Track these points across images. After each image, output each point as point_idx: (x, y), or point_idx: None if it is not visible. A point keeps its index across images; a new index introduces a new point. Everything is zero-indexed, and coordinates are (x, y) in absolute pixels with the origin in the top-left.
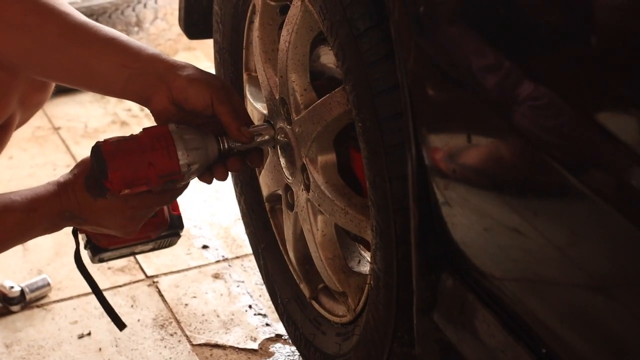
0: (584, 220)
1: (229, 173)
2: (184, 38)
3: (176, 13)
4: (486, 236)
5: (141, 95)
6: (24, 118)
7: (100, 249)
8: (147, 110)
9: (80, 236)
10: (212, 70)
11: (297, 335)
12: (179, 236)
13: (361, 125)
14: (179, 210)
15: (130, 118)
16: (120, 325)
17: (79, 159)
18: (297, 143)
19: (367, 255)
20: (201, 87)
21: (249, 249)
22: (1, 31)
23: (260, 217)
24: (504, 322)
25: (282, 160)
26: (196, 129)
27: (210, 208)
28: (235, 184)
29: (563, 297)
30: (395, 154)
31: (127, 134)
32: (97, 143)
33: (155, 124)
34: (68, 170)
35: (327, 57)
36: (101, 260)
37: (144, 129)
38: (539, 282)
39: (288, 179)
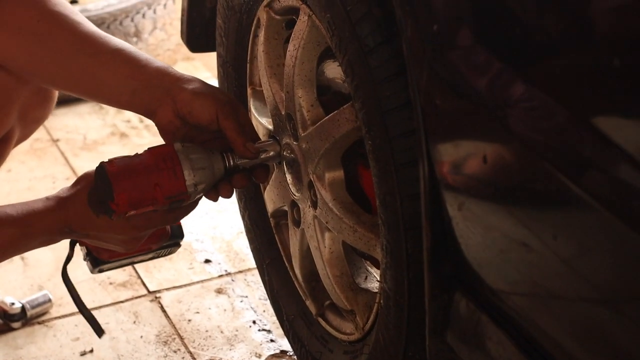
0: (606, 243)
1: (234, 190)
2: (183, 48)
3: (175, 23)
4: (502, 257)
5: (147, 108)
6: (24, 134)
7: (100, 261)
8: (146, 122)
9: (79, 247)
10: (214, 83)
11: (303, 353)
12: (179, 245)
13: (371, 143)
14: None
15: (130, 129)
16: (100, 332)
17: (78, 172)
18: (304, 159)
19: (374, 272)
20: (206, 101)
21: (251, 263)
22: (13, 36)
23: (264, 233)
24: (519, 344)
25: (288, 177)
26: (201, 147)
27: (212, 221)
28: (239, 200)
29: (581, 320)
30: (407, 173)
31: (127, 146)
32: (102, 163)
33: (159, 137)
34: (67, 183)
35: (333, 72)
36: (100, 271)
37: (149, 149)
38: (556, 304)
39: (294, 195)
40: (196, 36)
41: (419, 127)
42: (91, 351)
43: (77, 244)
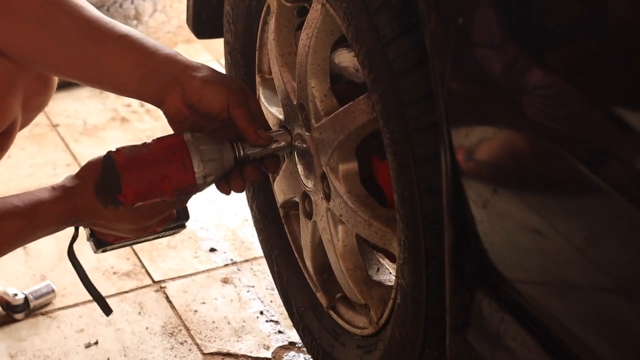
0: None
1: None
2: (183, 30)
3: (175, 5)
4: (529, 258)
5: (155, 96)
6: (24, 121)
7: (104, 242)
8: (147, 106)
9: (83, 228)
10: (215, 66)
11: (314, 346)
12: (184, 227)
13: (389, 137)
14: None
15: (131, 114)
16: (108, 310)
17: (79, 158)
18: (317, 150)
19: (387, 264)
20: (217, 89)
21: (257, 252)
22: (15, 22)
23: (273, 224)
24: (545, 345)
25: (300, 168)
26: (211, 137)
27: (216, 209)
28: (247, 189)
29: (612, 322)
30: (426, 167)
31: (128, 131)
32: (109, 153)
33: (160, 122)
34: (68, 169)
35: (345, 60)
36: (104, 251)
37: (158, 139)
38: (586, 306)
39: (306, 187)
40: (202, 22)
41: (442, 121)
42: (96, 343)
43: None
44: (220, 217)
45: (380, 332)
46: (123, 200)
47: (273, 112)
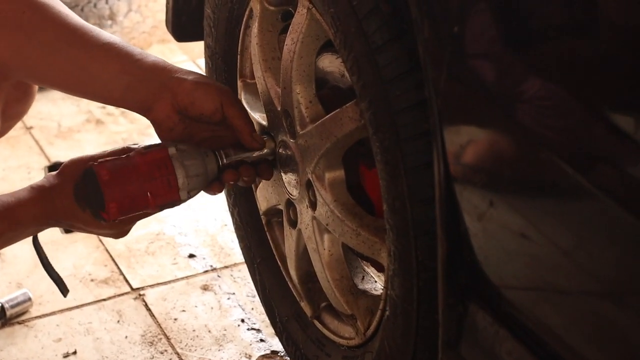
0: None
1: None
2: (158, 31)
3: (150, 5)
4: (526, 271)
5: (142, 104)
6: (3, 128)
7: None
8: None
9: None
10: (191, 66)
11: (298, 356)
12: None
13: (379, 145)
14: None
15: (106, 116)
16: (65, 291)
17: (54, 161)
18: (302, 158)
19: (371, 272)
20: (209, 90)
21: (237, 258)
22: None
23: (255, 231)
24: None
25: (284, 175)
26: (195, 149)
27: (194, 214)
28: (229, 195)
29: (614, 337)
30: (418, 176)
31: (103, 133)
32: (92, 167)
33: (136, 124)
34: (43, 173)
35: (330, 65)
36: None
37: (141, 151)
38: (585, 321)
39: (291, 195)
40: (182, 25)
41: (436, 130)
42: (74, 353)
43: None
44: (199, 222)
45: (367, 343)
46: (106, 217)
47: (256, 117)
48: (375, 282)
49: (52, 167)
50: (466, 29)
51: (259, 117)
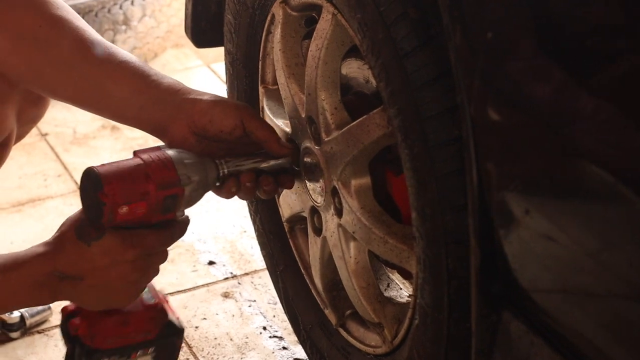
0: None
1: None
2: (172, 35)
3: (164, 10)
4: (563, 281)
5: (156, 125)
6: (19, 134)
7: (93, 352)
8: None
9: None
10: (205, 71)
11: None
12: (181, 341)
13: (408, 152)
14: (176, 314)
15: None
16: None
17: (70, 168)
18: (327, 165)
19: (396, 279)
20: (227, 107)
21: (258, 265)
22: (12, 42)
23: (278, 238)
24: None
25: (309, 183)
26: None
27: (212, 220)
28: (251, 203)
29: None
30: (448, 184)
31: (119, 139)
32: (88, 167)
33: None
34: (59, 180)
35: (354, 71)
36: None
37: (135, 151)
38: (625, 332)
39: (315, 202)
40: (202, 31)
41: (468, 138)
42: None
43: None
44: (218, 229)
45: (395, 352)
46: (106, 200)
47: (279, 124)
48: (401, 289)
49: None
50: (500, 35)
51: (282, 123)
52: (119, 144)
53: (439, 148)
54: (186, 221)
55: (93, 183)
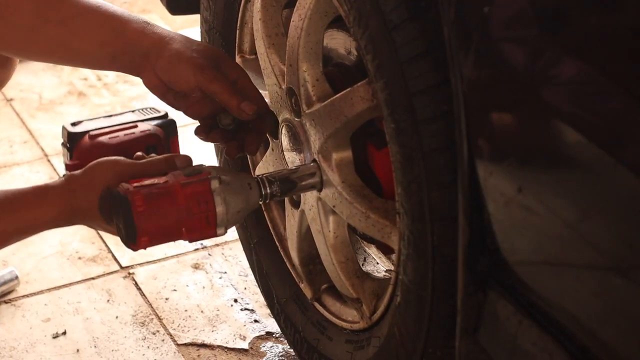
0: None
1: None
2: (140, 1)
3: None
4: (556, 260)
5: (131, 72)
6: None
7: None
8: (105, 80)
9: None
10: None
11: (297, 339)
12: None
13: (394, 127)
14: None
15: (88, 88)
16: None
17: (36, 134)
18: (307, 138)
19: (372, 254)
20: (184, 68)
21: (228, 236)
22: None
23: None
24: (570, 351)
25: (288, 155)
26: (239, 179)
27: None
28: None
29: None
30: (436, 160)
31: (86, 106)
32: (126, 193)
33: (119, 97)
34: (25, 147)
35: (335, 42)
36: None
37: (182, 180)
38: (618, 312)
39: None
40: None
41: (460, 114)
42: (64, 333)
43: None
44: None
45: (373, 328)
46: (134, 248)
47: None
48: (377, 264)
49: (74, 124)
50: (498, 10)
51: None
52: (86, 110)
53: (427, 123)
54: None
55: (127, 223)
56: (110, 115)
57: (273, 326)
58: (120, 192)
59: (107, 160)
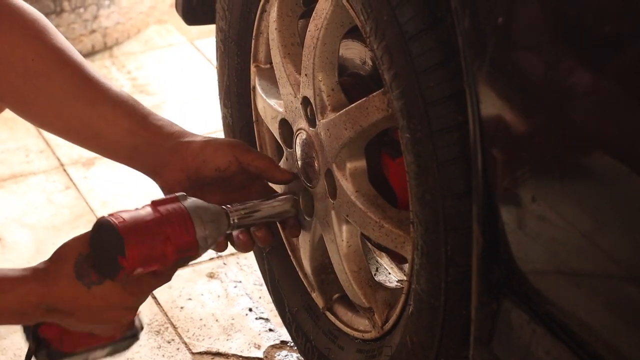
0: None
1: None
2: (156, 11)
3: None
4: (570, 270)
5: (150, 167)
6: None
7: (59, 354)
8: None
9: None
10: (189, 48)
11: (308, 348)
12: (138, 339)
13: (409, 137)
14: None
15: None
16: None
17: (52, 144)
18: (322, 147)
19: (384, 264)
20: (219, 145)
21: None
22: (2, 73)
23: None
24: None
25: (301, 164)
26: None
27: None
28: None
29: None
30: (450, 170)
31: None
32: (105, 219)
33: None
34: (42, 156)
35: (350, 52)
36: None
37: (153, 202)
38: (631, 321)
39: (308, 184)
40: (193, 8)
41: (475, 124)
42: None
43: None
44: None
45: (385, 337)
46: (125, 265)
47: (272, 104)
48: (389, 274)
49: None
50: (512, 20)
51: (274, 103)
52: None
53: (442, 133)
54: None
55: (113, 242)
56: None
57: (287, 335)
58: (98, 221)
59: (69, 240)
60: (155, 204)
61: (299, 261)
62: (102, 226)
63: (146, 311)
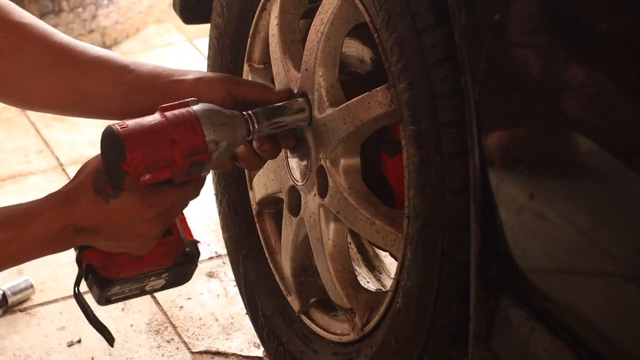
0: None
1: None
2: (155, 10)
3: None
4: (568, 267)
5: (143, 113)
6: None
7: (107, 282)
8: None
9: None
10: (187, 46)
11: (280, 352)
12: (195, 266)
13: (414, 129)
14: (193, 237)
15: None
16: (111, 340)
17: (51, 144)
18: (316, 143)
19: (363, 273)
20: (210, 81)
21: None
22: None
23: (244, 221)
24: (582, 357)
25: (292, 161)
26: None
27: (198, 199)
28: (219, 183)
29: None
30: (453, 164)
31: None
32: (110, 126)
33: None
34: (41, 156)
35: (349, 49)
36: (108, 301)
37: (160, 107)
38: (630, 318)
39: (296, 181)
40: (190, 6)
41: (472, 120)
42: (79, 341)
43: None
44: (203, 208)
45: (364, 339)
46: (128, 170)
47: None
48: (368, 282)
49: None
50: (508, 17)
51: None
52: (103, 121)
53: (448, 126)
54: (204, 180)
55: (115, 148)
56: None
57: None
58: (104, 130)
59: (91, 157)
60: (162, 109)
61: (277, 264)
62: (106, 134)
63: (145, 311)
